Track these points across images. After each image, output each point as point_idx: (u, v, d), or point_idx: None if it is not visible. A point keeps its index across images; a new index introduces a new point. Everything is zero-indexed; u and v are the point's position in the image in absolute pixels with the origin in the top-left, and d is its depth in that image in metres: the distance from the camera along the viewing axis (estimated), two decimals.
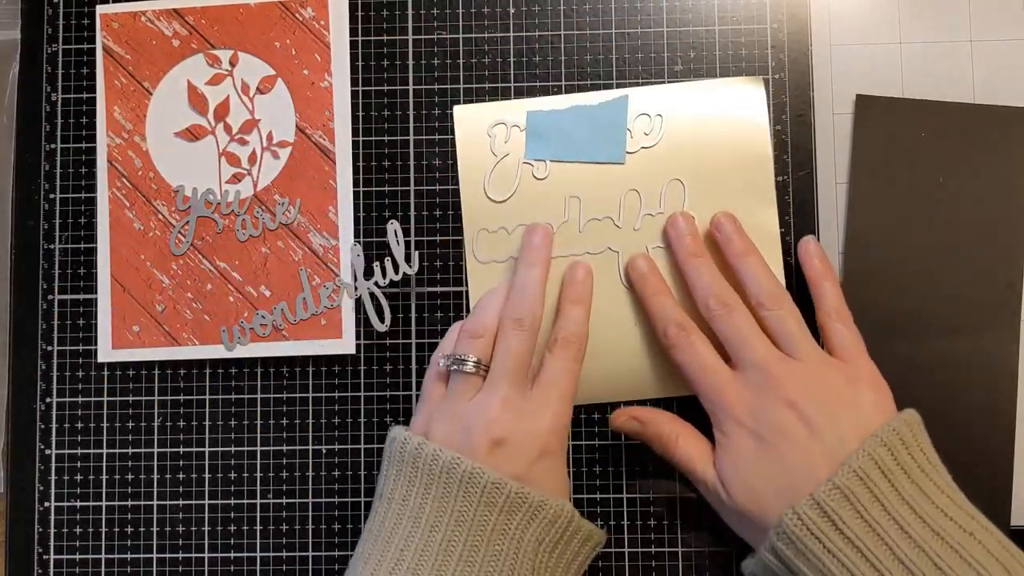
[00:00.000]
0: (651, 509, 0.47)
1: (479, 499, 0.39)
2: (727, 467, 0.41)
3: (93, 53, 0.50)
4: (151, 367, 0.49)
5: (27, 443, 0.49)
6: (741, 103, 0.48)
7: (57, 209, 0.50)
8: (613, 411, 0.46)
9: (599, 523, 0.47)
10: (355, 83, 0.50)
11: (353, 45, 0.50)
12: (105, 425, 0.49)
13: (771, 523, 0.39)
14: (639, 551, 0.47)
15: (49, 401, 0.49)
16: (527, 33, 0.49)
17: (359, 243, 0.49)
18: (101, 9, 0.50)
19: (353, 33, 0.50)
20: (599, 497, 0.48)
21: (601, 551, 0.47)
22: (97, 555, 0.48)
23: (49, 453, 0.49)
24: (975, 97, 0.48)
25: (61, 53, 0.50)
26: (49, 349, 0.49)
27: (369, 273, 0.48)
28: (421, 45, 0.50)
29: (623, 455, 0.48)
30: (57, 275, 0.50)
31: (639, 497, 0.47)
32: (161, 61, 0.50)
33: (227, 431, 0.49)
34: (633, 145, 0.48)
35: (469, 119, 0.49)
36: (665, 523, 0.47)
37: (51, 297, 0.50)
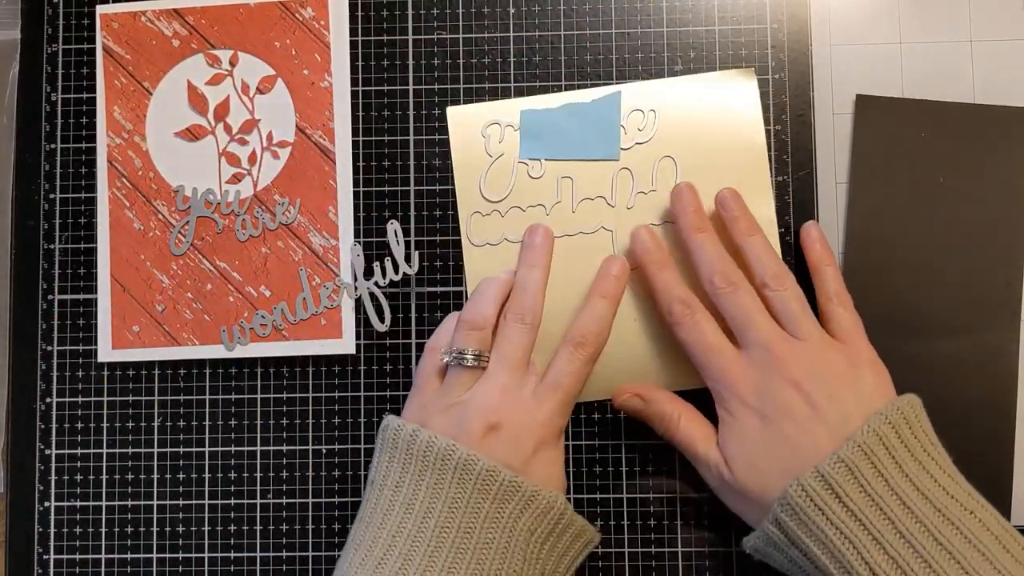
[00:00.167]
0: (651, 509, 0.47)
1: (473, 486, 0.39)
2: (731, 446, 0.42)
3: (93, 53, 0.50)
4: (151, 367, 0.49)
5: (27, 443, 0.49)
6: (733, 96, 0.48)
7: (57, 209, 0.50)
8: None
9: (599, 523, 0.47)
10: (355, 83, 0.50)
11: (353, 45, 0.50)
12: (105, 425, 0.49)
13: (774, 500, 0.39)
14: (639, 551, 0.47)
15: (49, 401, 0.49)
16: (527, 33, 0.49)
17: (359, 243, 0.49)
18: (101, 9, 0.50)
19: (353, 33, 0.50)
20: (599, 497, 0.48)
21: (601, 551, 0.47)
22: (97, 555, 0.48)
23: (49, 453, 0.49)
24: (975, 97, 0.48)
25: (61, 53, 0.50)
26: (49, 349, 0.49)
27: (369, 273, 0.48)
28: (421, 45, 0.50)
29: (623, 455, 0.48)
30: (57, 275, 0.50)
31: (639, 497, 0.47)
32: (161, 61, 0.50)
33: (227, 431, 0.49)
34: (627, 141, 0.48)
35: (463, 120, 0.49)
36: (665, 523, 0.47)
37: (51, 297, 0.50)
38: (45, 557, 0.48)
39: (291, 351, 0.48)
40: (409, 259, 0.48)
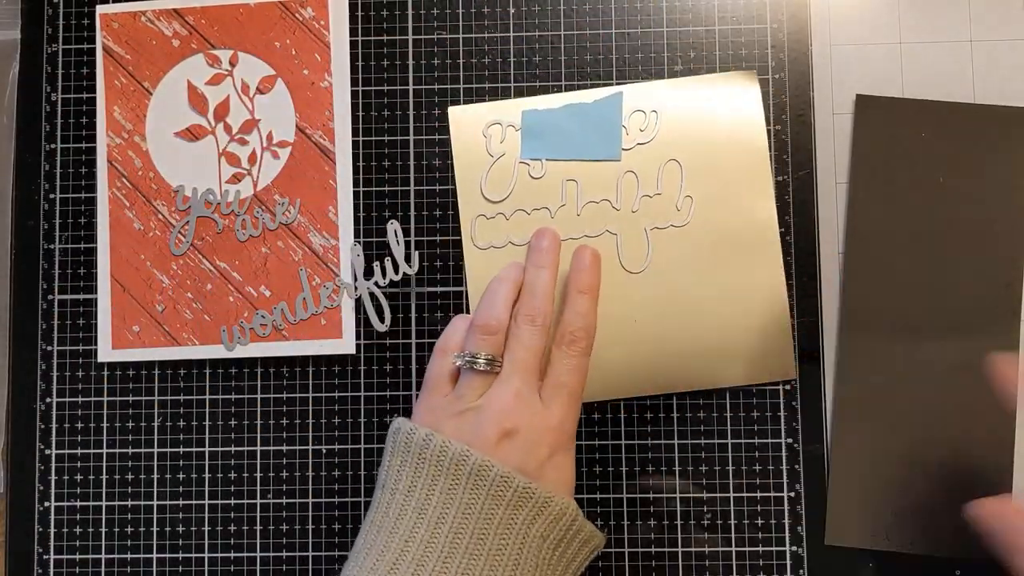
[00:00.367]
0: (651, 509, 0.47)
1: (487, 492, 0.39)
2: None
3: (93, 53, 0.50)
4: (151, 367, 0.49)
5: (27, 443, 0.49)
6: (735, 97, 0.48)
7: (57, 209, 0.50)
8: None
9: (599, 523, 0.47)
10: (355, 83, 0.50)
11: (353, 45, 0.50)
12: (105, 425, 0.49)
13: None
14: (639, 551, 0.47)
15: (49, 401, 0.49)
16: (527, 33, 0.49)
17: (359, 243, 0.49)
18: (101, 9, 0.50)
19: (353, 33, 0.50)
20: (599, 497, 0.48)
21: (601, 551, 0.47)
22: (97, 555, 0.48)
23: (49, 453, 0.49)
24: (975, 97, 0.48)
25: (61, 53, 0.50)
26: (49, 349, 0.49)
27: (369, 273, 0.48)
28: (421, 45, 0.50)
29: (623, 455, 0.48)
30: (57, 275, 0.50)
31: (639, 497, 0.47)
32: (161, 61, 0.50)
33: (227, 431, 0.49)
34: (629, 141, 0.48)
35: (464, 120, 0.49)
36: (665, 523, 0.47)
37: (51, 297, 0.50)
38: (45, 557, 0.48)
39: (291, 351, 0.48)
40: (409, 259, 0.48)
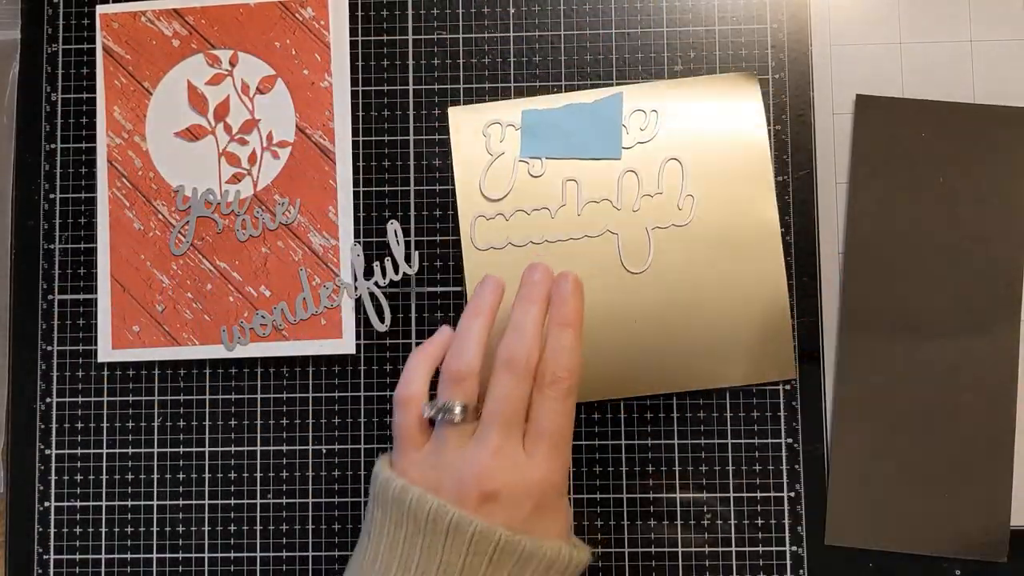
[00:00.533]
0: (651, 509, 0.47)
1: (467, 549, 0.37)
2: None
3: (93, 53, 0.50)
4: (151, 367, 0.49)
5: (27, 443, 0.49)
6: (736, 98, 0.48)
7: (57, 209, 0.50)
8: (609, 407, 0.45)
9: (599, 523, 0.47)
10: (355, 83, 0.50)
11: (353, 45, 0.50)
12: (105, 425, 0.49)
13: None
14: (639, 551, 0.47)
15: (49, 401, 0.49)
16: (527, 33, 0.49)
17: (359, 243, 0.49)
18: (101, 9, 0.50)
19: (353, 33, 0.50)
20: (599, 497, 0.48)
21: (601, 551, 0.47)
22: (97, 555, 0.48)
23: (49, 453, 0.49)
24: (975, 97, 0.48)
25: (61, 53, 0.50)
26: (49, 349, 0.49)
27: (369, 273, 0.48)
28: (421, 45, 0.50)
29: (623, 455, 0.48)
30: (57, 275, 0.50)
31: (639, 497, 0.47)
32: (161, 61, 0.50)
33: (227, 431, 0.49)
34: (629, 140, 0.48)
35: (464, 120, 0.49)
36: (665, 523, 0.47)
37: (51, 297, 0.50)
38: (45, 557, 0.48)
39: (291, 351, 0.48)
40: (409, 259, 0.48)
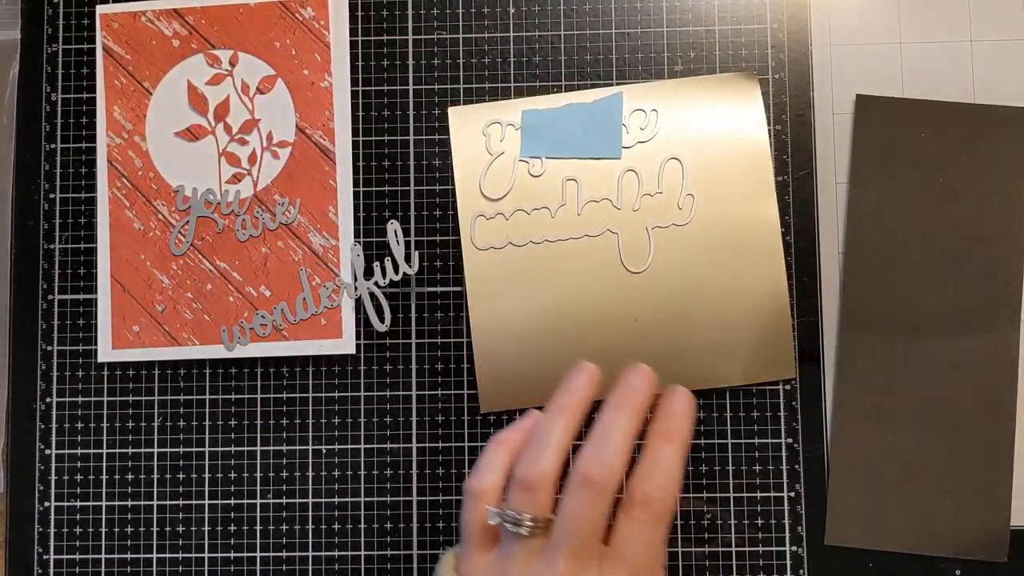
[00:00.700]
0: None
1: None
2: None
3: (93, 53, 0.50)
4: (151, 367, 0.49)
5: (27, 443, 0.49)
6: (736, 99, 0.48)
7: (57, 209, 0.50)
8: None
9: None
10: (355, 83, 0.50)
11: (353, 45, 0.50)
12: (105, 425, 0.49)
13: None
14: None
15: (49, 401, 0.49)
16: (527, 33, 0.49)
17: (359, 243, 0.49)
18: (101, 9, 0.50)
19: (353, 33, 0.50)
20: None
21: None
22: (97, 555, 0.48)
23: (49, 453, 0.49)
24: (975, 97, 0.48)
25: (61, 53, 0.50)
26: (49, 349, 0.49)
27: (369, 273, 0.48)
28: (421, 45, 0.50)
29: None
30: (57, 275, 0.50)
31: None
32: (161, 61, 0.50)
33: (227, 431, 0.49)
34: (629, 140, 0.48)
35: (464, 120, 0.49)
36: None
37: (51, 297, 0.50)
38: (45, 557, 0.48)
39: (291, 351, 0.48)
40: (409, 259, 0.48)
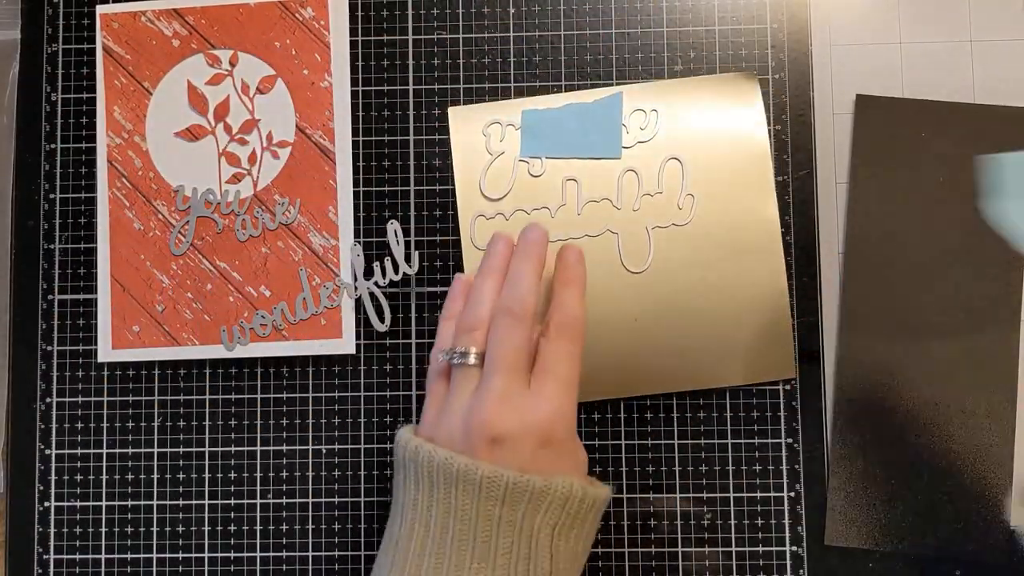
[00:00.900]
0: (651, 509, 0.47)
1: (477, 494, 0.38)
2: None
3: (93, 53, 0.50)
4: (151, 367, 0.49)
5: (27, 443, 0.49)
6: (736, 98, 0.48)
7: (57, 209, 0.50)
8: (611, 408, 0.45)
9: (598, 523, 0.47)
10: (355, 83, 0.50)
11: (353, 45, 0.50)
12: (105, 425, 0.49)
13: None
14: (639, 551, 0.47)
15: (49, 401, 0.49)
16: (527, 33, 0.49)
17: (359, 243, 0.49)
18: (101, 9, 0.50)
19: (353, 33, 0.50)
20: None
21: (601, 551, 0.47)
22: (97, 555, 0.48)
23: (49, 453, 0.49)
24: (975, 97, 0.48)
25: (61, 53, 0.50)
26: (49, 349, 0.49)
27: (369, 273, 0.48)
28: (421, 45, 0.50)
29: (623, 455, 0.48)
30: (57, 275, 0.50)
31: (639, 497, 0.47)
32: (161, 61, 0.50)
33: (227, 431, 0.49)
34: (629, 140, 0.48)
35: (464, 120, 0.49)
36: (665, 523, 0.47)
37: (51, 297, 0.50)
38: (45, 557, 0.48)
39: (291, 351, 0.48)
40: (409, 259, 0.48)
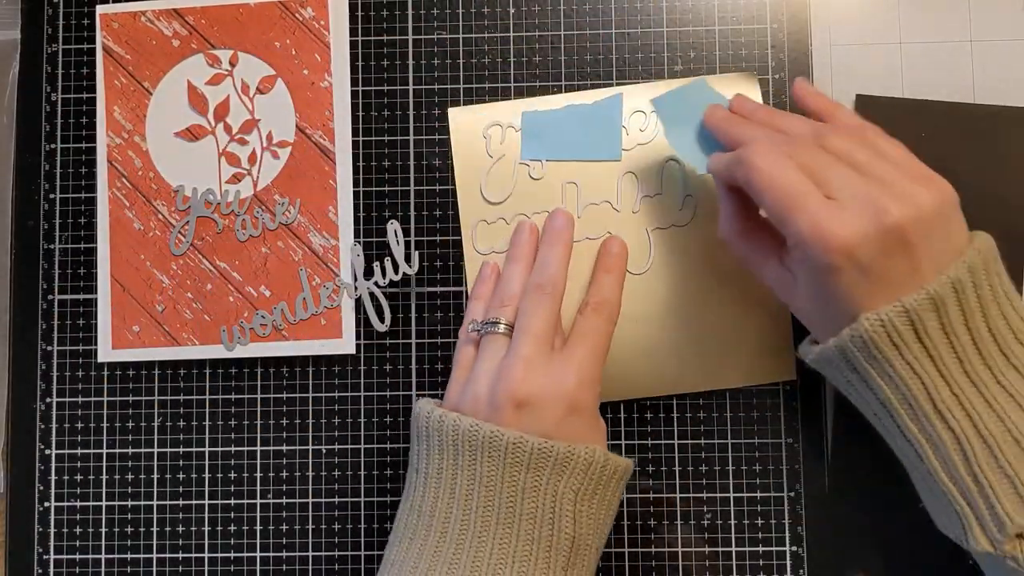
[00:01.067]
0: (651, 509, 0.47)
1: (503, 460, 0.39)
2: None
3: (93, 53, 0.50)
4: (151, 367, 0.49)
5: (27, 443, 0.49)
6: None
7: (57, 209, 0.50)
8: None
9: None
10: (355, 83, 0.50)
11: (353, 45, 0.50)
12: (105, 425, 0.49)
13: (844, 326, 0.38)
14: (639, 551, 0.47)
15: (49, 401, 0.49)
16: (527, 33, 0.49)
17: (359, 243, 0.49)
18: (101, 9, 0.50)
19: (353, 33, 0.50)
20: None
21: (602, 551, 0.47)
22: (97, 555, 0.48)
23: (49, 453, 0.49)
24: (975, 97, 0.48)
25: (61, 53, 0.50)
26: (49, 349, 0.49)
27: (369, 273, 0.48)
28: (421, 45, 0.50)
29: (622, 455, 0.48)
30: (57, 275, 0.50)
31: (639, 497, 0.47)
32: (161, 61, 0.50)
33: (227, 431, 0.49)
34: (629, 142, 0.48)
35: (464, 121, 0.49)
36: (665, 523, 0.47)
37: (51, 297, 0.50)
38: (45, 557, 0.48)
39: (291, 351, 0.48)
40: (409, 259, 0.48)
